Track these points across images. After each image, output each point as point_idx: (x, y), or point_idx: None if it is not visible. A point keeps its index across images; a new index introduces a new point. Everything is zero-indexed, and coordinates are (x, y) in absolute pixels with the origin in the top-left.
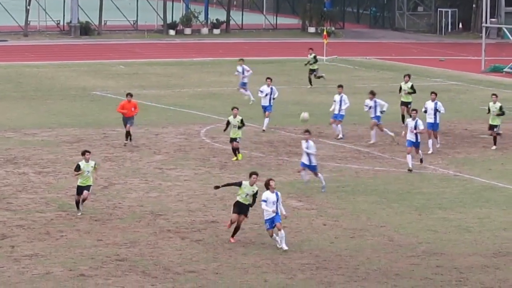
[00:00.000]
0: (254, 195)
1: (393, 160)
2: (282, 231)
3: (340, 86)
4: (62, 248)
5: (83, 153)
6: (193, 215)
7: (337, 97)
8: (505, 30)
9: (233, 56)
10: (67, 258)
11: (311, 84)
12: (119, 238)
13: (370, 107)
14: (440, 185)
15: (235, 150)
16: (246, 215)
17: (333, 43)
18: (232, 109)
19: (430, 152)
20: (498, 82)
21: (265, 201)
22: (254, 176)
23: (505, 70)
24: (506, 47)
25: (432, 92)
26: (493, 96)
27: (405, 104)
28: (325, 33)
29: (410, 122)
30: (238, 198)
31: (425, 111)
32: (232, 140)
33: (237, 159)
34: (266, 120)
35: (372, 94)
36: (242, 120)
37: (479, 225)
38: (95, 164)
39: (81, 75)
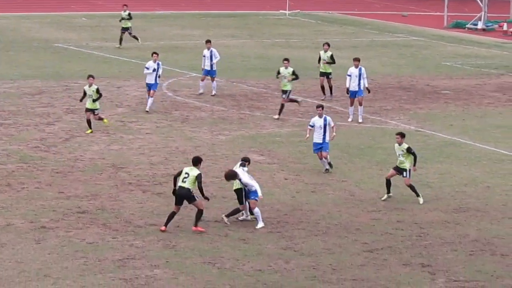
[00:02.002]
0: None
1: (355, 115)
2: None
3: (356, 59)
4: (23, 200)
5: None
6: (154, 168)
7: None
8: None
9: (196, 9)
10: (28, 210)
11: (120, 44)
12: (80, 191)
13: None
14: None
15: (89, 122)
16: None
17: None
18: (88, 78)
19: (360, 121)
20: (460, 37)
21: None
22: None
23: (467, 26)
24: (469, 3)
25: (355, 59)
26: (285, 61)
27: (325, 74)
28: None
29: (317, 120)
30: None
31: (349, 76)
32: (88, 110)
33: (91, 132)
34: (150, 100)
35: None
36: (98, 90)
37: (440, 180)
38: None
39: (43, 26)
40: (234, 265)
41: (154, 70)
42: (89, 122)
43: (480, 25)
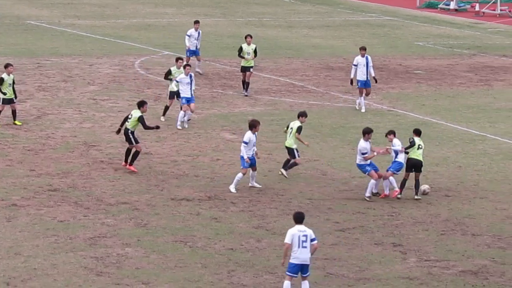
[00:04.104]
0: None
1: (328, 94)
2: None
3: (363, 48)
4: None
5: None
6: (126, 146)
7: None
8: None
9: None
10: None
11: None
12: (51, 169)
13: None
14: (374, 120)
15: (14, 113)
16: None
17: None
18: (6, 67)
19: (363, 110)
20: (433, 18)
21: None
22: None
23: (440, 6)
24: None
25: (362, 48)
26: (180, 61)
27: (247, 69)
28: None
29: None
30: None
31: (355, 65)
32: (8, 102)
33: (15, 123)
34: (182, 114)
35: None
36: (13, 80)
37: None
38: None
39: (15, 3)
40: (206, 244)
41: (187, 83)
42: (14, 112)
43: (452, 6)
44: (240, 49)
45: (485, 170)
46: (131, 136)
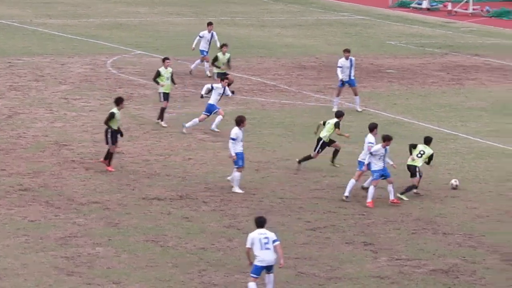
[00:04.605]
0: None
1: (300, 94)
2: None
3: (347, 50)
4: None
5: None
6: (97, 145)
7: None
8: None
9: None
10: None
11: None
12: (22, 168)
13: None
14: (346, 119)
15: None
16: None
17: None
18: None
19: (359, 110)
20: (405, 17)
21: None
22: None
23: (412, 5)
24: None
25: (346, 50)
26: (167, 61)
27: (222, 75)
28: None
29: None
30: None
31: (340, 67)
32: None
33: None
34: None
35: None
36: None
37: None
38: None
39: None
40: (177, 243)
41: (219, 94)
42: None
43: (424, 5)
44: (216, 59)
45: (456, 169)
46: (108, 136)
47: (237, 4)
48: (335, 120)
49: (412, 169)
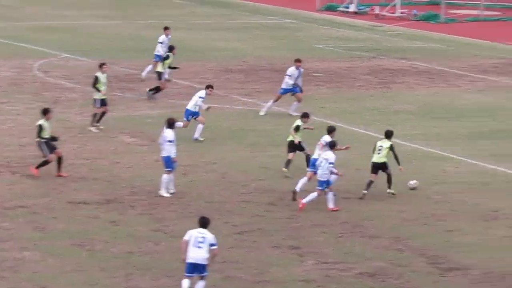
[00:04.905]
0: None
1: (227, 97)
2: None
3: (298, 60)
4: None
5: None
6: (24, 149)
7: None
8: None
9: None
10: None
11: None
12: None
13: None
14: (273, 123)
15: None
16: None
17: None
18: None
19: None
20: (333, 20)
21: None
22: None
23: (339, 8)
24: None
25: (297, 60)
26: (104, 66)
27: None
28: None
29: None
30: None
31: (289, 76)
32: None
33: None
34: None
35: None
36: None
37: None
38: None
39: None
40: (104, 247)
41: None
42: None
43: (352, 8)
44: (167, 58)
45: (382, 173)
46: (42, 147)
47: (165, 8)
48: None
49: (380, 166)
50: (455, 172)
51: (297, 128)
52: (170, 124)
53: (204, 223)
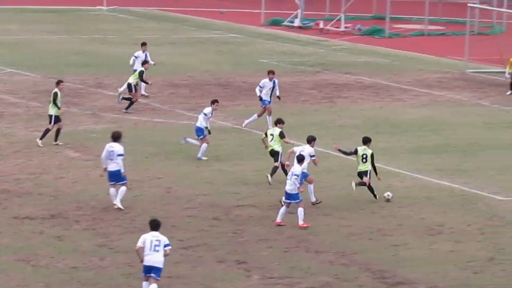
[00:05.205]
0: None
1: (172, 112)
2: None
3: (272, 72)
4: None
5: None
6: None
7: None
8: None
9: (13, 3)
10: None
11: None
12: None
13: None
14: (218, 137)
15: None
16: None
17: None
18: None
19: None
20: (277, 35)
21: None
22: None
23: (284, 23)
24: (286, 1)
25: (270, 71)
26: (62, 84)
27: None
28: None
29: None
30: None
31: (261, 88)
32: None
33: None
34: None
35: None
36: None
37: (256, 177)
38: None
39: None
40: (49, 262)
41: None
42: None
43: (296, 23)
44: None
45: (329, 187)
46: None
47: (110, 22)
48: (278, 130)
49: (363, 174)
50: (400, 186)
51: (282, 135)
52: (117, 137)
53: (155, 225)
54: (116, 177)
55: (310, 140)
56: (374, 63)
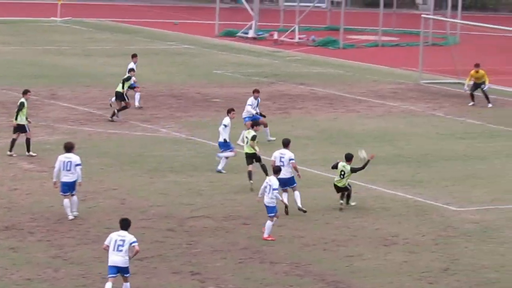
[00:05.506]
0: None
1: (126, 123)
2: None
3: (256, 90)
4: None
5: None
6: None
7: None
8: None
9: None
10: None
11: None
12: None
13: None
14: (172, 148)
15: None
16: None
17: (67, 4)
18: None
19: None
20: (232, 46)
21: None
22: None
23: (238, 34)
24: (241, 12)
25: (256, 91)
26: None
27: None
28: None
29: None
30: None
31: (250, 105)
32: None
33: None
34: None
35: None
36: None
37: (210, 188)
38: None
39: None
40: (2, 274)
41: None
42: None
43: (251, 34)
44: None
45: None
46: None
47: (63, 34)
48: (252, 133)
49: (340, 189)
50: (355, 197)
51: (253, 138)
52: (70, 148)
53: (125, 224)
54: (71, 188)
55: (287, 143)
56: (328, 74)
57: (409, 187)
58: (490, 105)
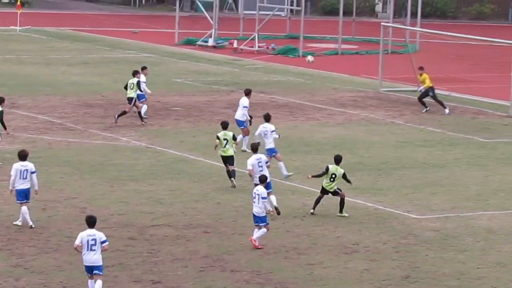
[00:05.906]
0: None
1: (86, 132)
2: None
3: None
4: None
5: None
6: None
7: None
8: (199, 3)
9: None
10: None
11: None
12: None
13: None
14: (132, 157)
15: None
16: None
17: (26, 13)
18: None
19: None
20: (191, 54)
21: None
22: None
23: (198, 43)
24: (200, 20)
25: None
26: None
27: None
28: (19, 3)
29: None
30: None
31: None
32: None
33: None
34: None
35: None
36: None
37: (171, 197)
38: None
39: None
40: None
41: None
42: None
43: (210, 42)
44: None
45: (243, 206)
46: None
47: (23, 43)
48: (231, 133)
49: (327, 192)
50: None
51: (234, 137)
52: (25, 156)
53: (91, 222)
54: (27, 196)
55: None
56: (288, 82)
57: (369, 195)
58: (447, 111)
